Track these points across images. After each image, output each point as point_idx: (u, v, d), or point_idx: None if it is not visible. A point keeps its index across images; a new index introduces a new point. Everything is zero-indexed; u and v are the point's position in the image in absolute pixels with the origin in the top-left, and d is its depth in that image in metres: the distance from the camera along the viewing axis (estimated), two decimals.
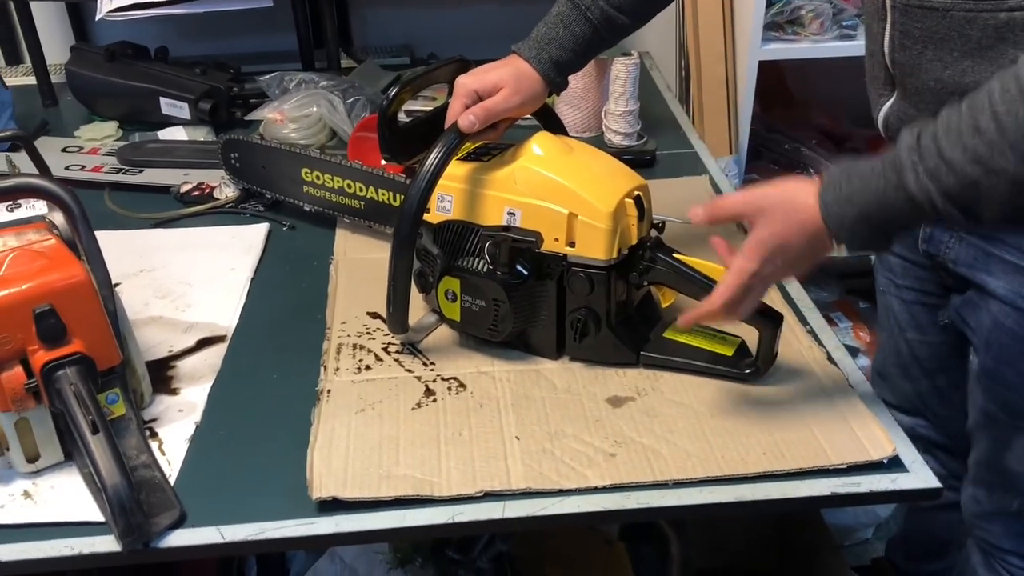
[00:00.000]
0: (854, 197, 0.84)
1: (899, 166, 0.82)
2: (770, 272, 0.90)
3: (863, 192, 0.84)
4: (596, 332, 1.02)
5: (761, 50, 1.82)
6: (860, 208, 0.84)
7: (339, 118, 1.62)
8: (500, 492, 0.88)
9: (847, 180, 0.85)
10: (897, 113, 1.04)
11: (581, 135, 1.65)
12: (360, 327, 1.13)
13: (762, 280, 0.90)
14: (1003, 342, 1.06)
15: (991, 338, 1.07)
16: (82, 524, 0.86)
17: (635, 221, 1.00)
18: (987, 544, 1.22)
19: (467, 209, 1.04)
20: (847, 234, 0.86)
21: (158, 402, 1.02)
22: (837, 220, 0.85)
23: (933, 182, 0.80)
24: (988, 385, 1.11)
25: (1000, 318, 1.05)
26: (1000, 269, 1.04)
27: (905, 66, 0.99)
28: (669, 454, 0.92)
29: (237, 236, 1.35)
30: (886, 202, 0.83)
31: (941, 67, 0.94)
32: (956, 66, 0.92)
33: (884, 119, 1.07)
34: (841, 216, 0.85)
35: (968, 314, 1.11)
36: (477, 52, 1.13)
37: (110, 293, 0.93)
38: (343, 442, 0.94)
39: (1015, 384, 1.07)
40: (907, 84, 1.00)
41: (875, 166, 0.84)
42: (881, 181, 0.83)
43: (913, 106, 1.01)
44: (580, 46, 1.09)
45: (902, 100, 1.03)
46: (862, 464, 0.90)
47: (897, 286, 1.28)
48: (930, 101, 0.96)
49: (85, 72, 1.74)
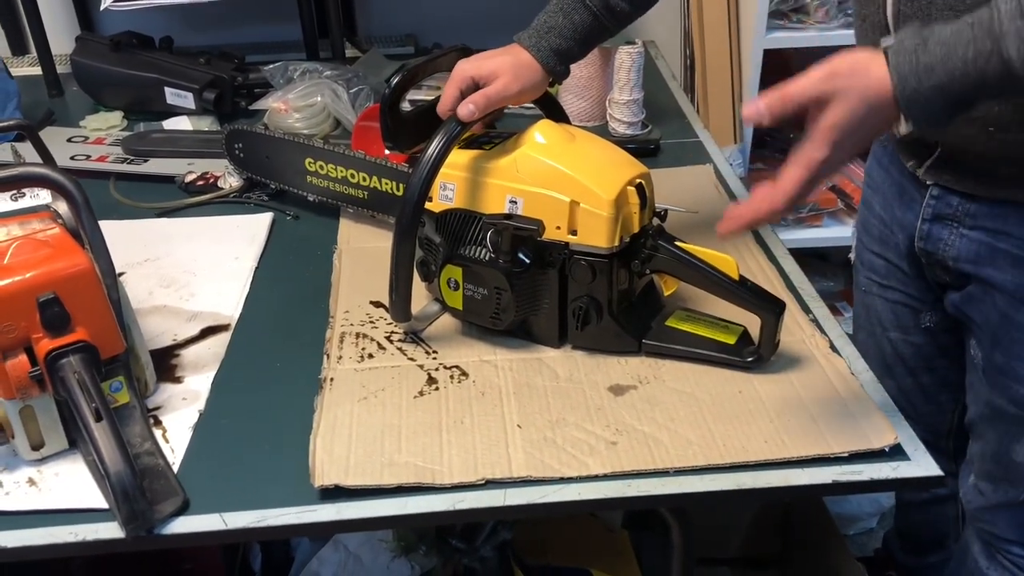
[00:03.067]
0: (936, 67, 0.74)
1: (998, 32, 0.72)
2: (838, 158, 0.80)
3: (946, 61, 0.74)
4: (598, 320, 1.02)
5: (766, 38, 1.81)
6: (940, 79, 0.74)
7: (343, 107, 1.62)
8: (501, 480, 0.88)
9: (924, 47, 0.75)
10: None
11: (585, 124, 1.64)
12: (363, 316, 1.13)
13: (829, 167, 0.81)
14: (1013, 336, 1.05)
15: (1000, 333, 1.07)
16: (86, 511, 0.87)
17: (637, 209, 1.00)
18: (989, 535, 1.22)
19: (469, 197, 1.04)
20: (920, 108, 0.76)
21: (162, 390, 1.03)
22: (912, 94, 0.76)
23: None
24: (997, 380, 1.10)
25: (1010, 313, 1.04)
26: (1008, 263, 1.04)
27: (913, 20, 0.94)
28: (670, 442, 0.92)
29: (241, 226, 1.36)
30: (975, 73, 0.73)
31: (953, 16, 0.84)
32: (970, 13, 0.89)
33: None
34: (917, 90, 0.75)
35: (971, 309, 1.10)
36: (481, 42, 1.13)
37: (114, 282, 0.93)
38: (345, 430, 0.94)
39: None
40: None
41: (961, 31, 0.74)
42: (970, 49, 0.73)
43: None
44: (580, 34, 1.08)
45: None
46: (864, 452, 0.90)
47: (881, 286, 1.27)
48: None
49: (90, 62, 1.75)
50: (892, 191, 1.19)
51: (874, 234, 1.26)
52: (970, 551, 1.26)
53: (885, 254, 1.23)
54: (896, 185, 1.18)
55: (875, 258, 1.26)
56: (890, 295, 1.27)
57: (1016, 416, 1.10)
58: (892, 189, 1.19)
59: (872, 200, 1.26)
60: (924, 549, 1.55)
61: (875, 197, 1.25)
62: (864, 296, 1.33)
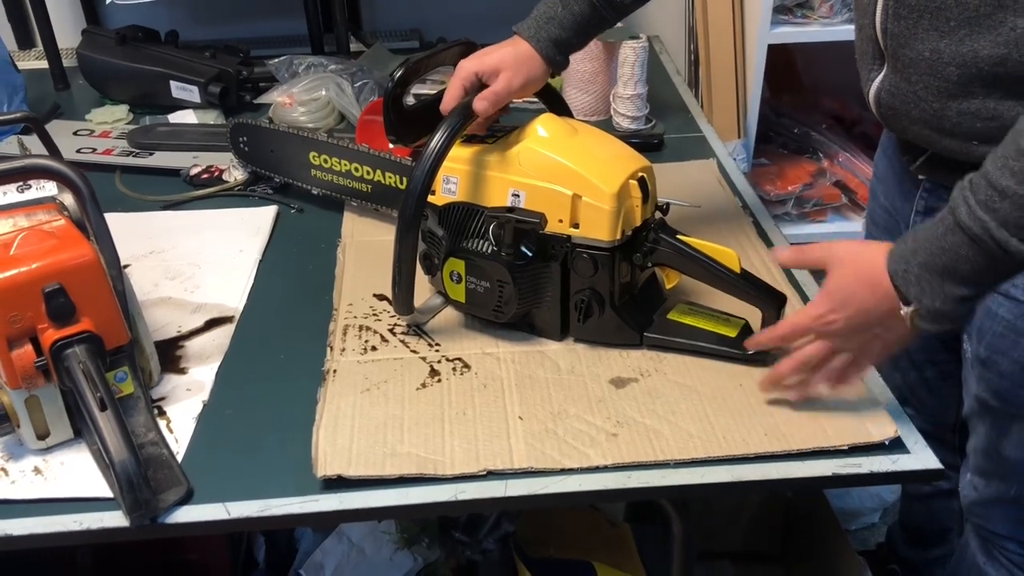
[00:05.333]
0: (918, 249, 0.83)
1: (953, 206, 0.81)
2: (830, 324, 0.88)
3: (924, 241, 0.83)
4: (600, 313, 1.03)
5: (770, 33, 1.81)
6: (922, 259, 0.83)
7: (347, 101, 1.63)
8: (502, 471, 0.89)
9: (912, 236, 0.85)
10: (889, 88, 1.02)
11: (589, 119, 1.65)
12: (366, 309, 1.13)
13: (830, 333, 0.89)
14: (996, 331, 1.06)
15: (984, 327, 1.07)
16: (91, 500, 0.88)
17: (639, 203, 1.00)
18: (985, 531, 1.23)
19: (472, 191, 1.04)
20: (915, 290, 0.84)
21: (166, 381, 1.03)
22: (903, 276, 0.84)
23: (987, 212, 0.78)
24: (982, 373, 1.11)
25: (992, 307, 1.05)
26: None
27: (899, 37, 0.97)
28: (671, 434, 0.92)
29: (245, 219, 1.36)
30: (946, 247, 0.81)
31: (937, 36, 0.92)
32: (953, 35, 0.91)
33: (875, 95, 1.04)
34: (906, 271, 0.84)
35: None
36: (486, 36, 1.13)
37: (119, 273, 0.94)
38: (348, 421, 0.95)
39: (1008, 372, 1.06)
40: (900, 56, 0.98)
41: (936, 217, 0.83)
42: (940, 227, 0.82)
43: (905, 79, 0.98)
44: (579, 25, 1.08)
45: (893, 73, 1.00)
46: (864, 445, 0.90)
47: None
48: (924, 72, 0.95)
49: (96, 56, 1.75)
50: (894, 181, 1.21)
51: (880, 224, 1.27)
52: (969, 547, 1.27)
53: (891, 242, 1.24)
54: (897, 176, 1.19)
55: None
56: None
57: (1001, 410, 1.10)
58: (894, 179, 1.21)
59: (878, 190, 1.28)
60: (927, 543, 1.55)
61: (880, 187, 1.27)
62: None
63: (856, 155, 2.05)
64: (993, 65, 0.89)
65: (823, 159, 2.09)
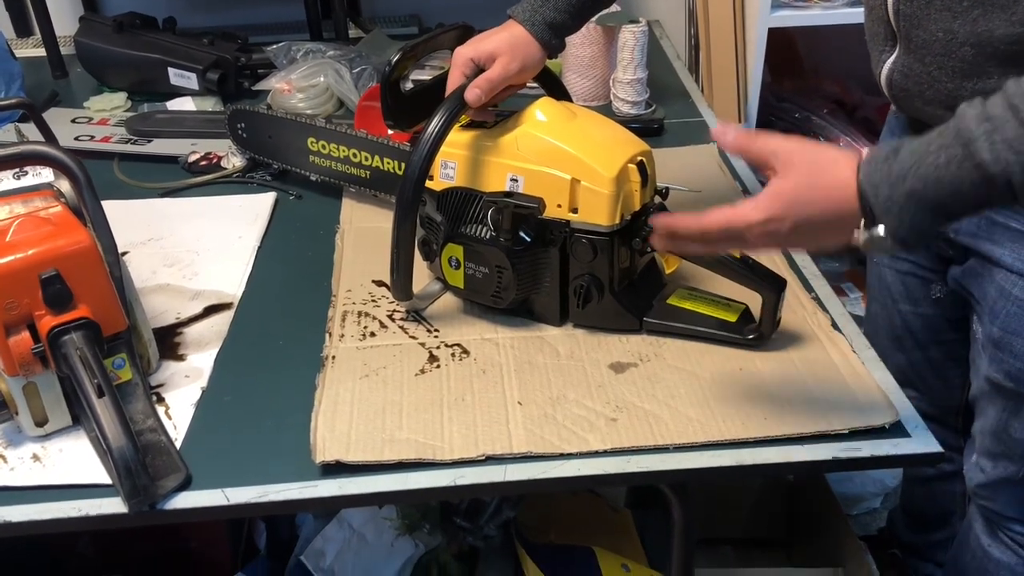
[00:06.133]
0: (907, 174, 0.73)
1: (967, 137, 0.71)
2: (772, 231, 0.78)
3: (917, 167, 0.72)
4: (599, 298, 1.02)
5: (771, 17, 1.80)
6: (912, 186, 0.72)
7: (346, 87, 1.62)
8: (501, 456, 0.88)
9: (895, 156, 0.74)
10: (901, 69, 1.02)
11: (589, 103, 1.64)
12: (365, 295, 1.13)
13: (758, 237, 0.79)
14: (1010, 311, 1.05)
15: (997, 307, 1.07)
16: (90, 486, 0.88)
17: (638, 187, 1.00)
18: (991, 512, 1.23)
19: (470, 176, 1.03)
20: (897, 217, 0.73)
21: (165, 368, 1.03)
22: (884, 202, 0.73)
23: (1013, 153, 0.69)
24: (994, 354, 1.10)
25: (1007, 287, 1.04)
26: (1006, 237, 1.04)
27: (912, 17, 0.96)
28: (670, 419, 0.92)
29: (244, 205, 1.36)
30: (948, 178, 0.71)
31: (950, 17, 0.91)
32: (967, 15, 0.90)
33: (887, 76, 1.04)
34: (891, 197, 0.73)
35: (971, 283, 1.10)
36: (485, 21, 1.12)
37: (116, 259, 0.94)
38: (347, 407, 0.95)
39: (1022, 352, 1.06)
40: (912, 37, 0.98)
41: (931, 140, 0.73)
42: (942, 155, 0.72)
43: (918, 60, 0.98)
44: (574, 7, 1.07)
45: (906, 55, 1.00)
46: (864, 429, 0.90)
47: (892, 257, 1.27)
48: (938, 53, 0.94)
49: (94, 43, 1.75)
50: None
51: None
52: (972, 529, 1.27)
53: None
54: None
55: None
56: (900, 266, 1.27)
57: (1013, 391, 1.10)
58: None
59: None
60: (929, 526, 1.55)
61: None
62: (876, 267, 1.34)
63: (858, 140, 2.04)
64: (1009, 44, 0.88)
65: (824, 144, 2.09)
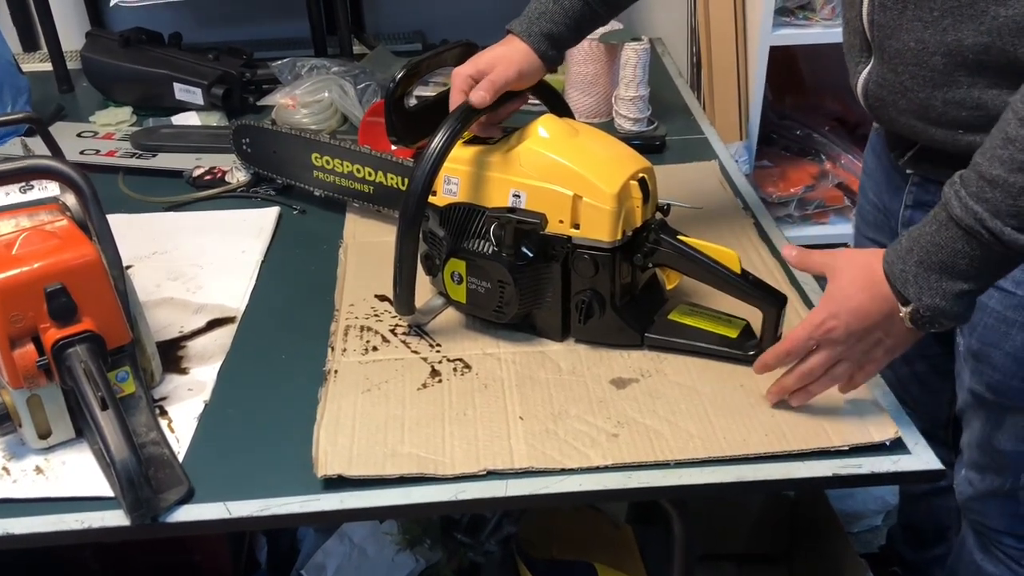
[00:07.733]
0: (913, 247, 0.84)
1: (945, 202, 0.82)
2: (837, 336, 0.88)
3: (919, 239, 0.84)
4: (601, 314, 1.03)
5: (772, 35, 1.81)
6: (918, 257, 0.84)
7: (350, 103, 1.63)
8: (503, 471, 0.89)
9: (906, 235, 0.86)
10: (876, 79, 1.03)
11: (591, 120, 1.65)
12: (368, 309, 1.14)
13: (831, 341, 0.89)
14: (987, 323, 1.06)
15: (975, 319, 1.07)
16: (92, 499, 0.88)
17: (639, 203, 1.01)
18: (981, 526, 1.23)
19: (473, 191, 1.04)
20: (913, 289, 0.84)
21: (168, 381, 1.04)
22: (900, 276, 0.85)
23: (979, 203, 0.79)
24: (974, 367, 1.11)
25: (983, 299, 1.05)
26: None
27: (885, 27, 0.98)
28: (671, 435, 0.92)
29: (248, 220, 1.36)
30: (941, 242, 0.82)
31: (921, 27, 0.93)
32: (937, 24, 0.91)
33: (863, 87, 1.05)
34: (903, 271, 0.85)
35: None
36: (489, 38, 1.13)
37: (120, 272, 0.94)
38: (349, 421, 0.95)
39: (1001, 364, 1.07)
40: (886, 47, 0.99)
41: (929, 215, 0.84)
42: (933, 224, 0.83)
43: (892, 70, 0.99)
44: (571, 19, 1.08)
45: (880, 65, 1.01)
46: (864, 446, 0.90)
47: None
48: (910, 62, 0.96)
49: (100, 58, 1.76)
50: (882, 177, 1.22)
51: (869, 220, 1.28)
52: (966, 544, 1.27)
53: (879, 239, 1.24)
54: (886, 172, 1.20)
55: (871, 244, 1.27)
56: None
57: (994, 403, 1.11)
58: (882, 175, 1.22)
59: (867, 186, 1.29)
60: (927, 542, 1.55)
61: (869, 183, 1.28)
62: None
63: (858, 157, 2.05)
64: (977, 54, 0.90)
65: (825, 161, 2.09)
